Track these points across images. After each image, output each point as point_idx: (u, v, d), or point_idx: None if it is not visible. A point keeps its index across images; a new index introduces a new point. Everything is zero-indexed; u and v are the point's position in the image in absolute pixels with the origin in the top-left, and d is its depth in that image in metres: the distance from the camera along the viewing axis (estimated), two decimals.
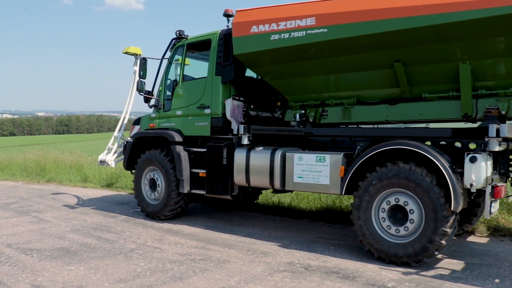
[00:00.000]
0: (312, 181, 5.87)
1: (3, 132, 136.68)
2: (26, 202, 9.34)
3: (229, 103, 6.69)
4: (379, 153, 5.34)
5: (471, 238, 6.34)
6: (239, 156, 6.47)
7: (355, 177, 5.52)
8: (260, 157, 6.28)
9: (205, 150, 6.84)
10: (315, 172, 5.84)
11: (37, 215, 7.91)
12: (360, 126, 6.54)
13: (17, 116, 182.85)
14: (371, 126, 6.47)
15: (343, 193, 5.58)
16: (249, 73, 7.31)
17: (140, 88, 7.52)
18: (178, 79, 7.43)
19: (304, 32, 5.80)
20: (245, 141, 6.49)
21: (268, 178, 6.19)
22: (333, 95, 6.35)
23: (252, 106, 7.06)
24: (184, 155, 7.00)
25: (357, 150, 5.72)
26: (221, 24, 6.43)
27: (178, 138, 7.12)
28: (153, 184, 7.57)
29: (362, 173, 5.52)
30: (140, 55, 8.62)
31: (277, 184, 6.15)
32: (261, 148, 6.33)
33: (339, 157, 5.65)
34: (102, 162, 8.48)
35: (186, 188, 6.99)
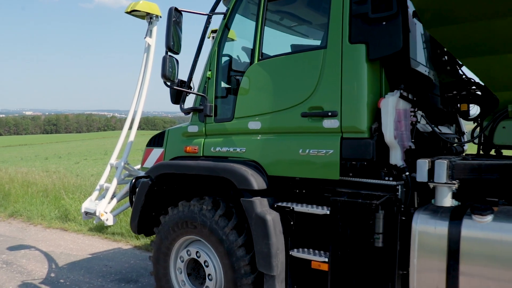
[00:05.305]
0: None
1: None
2: None
3: (392, 104, 2.84)
4: None
5: None
6: (431, 234, 2.64)
7: None
8: (497, 240, 2.47)
9: (326, 212, 3.01)
10: None
11: None
12: None
13: (3, 115, 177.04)
14: None
15: None
16: None
17: (168, 74, 3.52)
18: (250, 56, 3.55)
19: None
20: (448, 199, 2.67)
21: None
22: None
23: (421, 113, 3.24)
24: (273, 222, 3.15)
25: None
26: (217, 21, 3.51)
27: (258, 182, 3.22)
28: (194, 268, 3.74)
29: None
30: (159, 16, 4.78)
31: None
32: (489, 217, 2.53)
33: None
34: (89, 214, 4.58)
35: None
